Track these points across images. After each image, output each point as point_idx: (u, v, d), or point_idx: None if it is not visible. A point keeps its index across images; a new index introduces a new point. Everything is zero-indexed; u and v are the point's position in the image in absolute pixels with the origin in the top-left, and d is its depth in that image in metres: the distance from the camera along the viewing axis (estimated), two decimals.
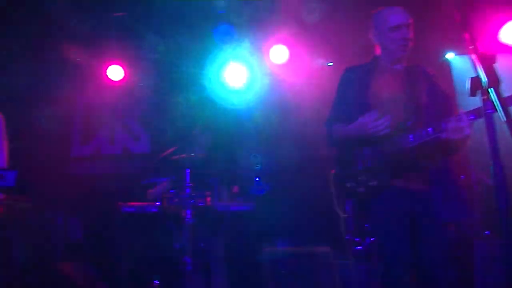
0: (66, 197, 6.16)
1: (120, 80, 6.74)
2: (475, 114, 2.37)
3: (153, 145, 7.03)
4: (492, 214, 5.38)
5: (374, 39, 2.83)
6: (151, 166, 5.18)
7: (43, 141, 6.42)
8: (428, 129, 2.46)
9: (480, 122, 2.16)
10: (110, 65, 6.66)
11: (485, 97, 1.60)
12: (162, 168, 4.92)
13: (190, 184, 4.41)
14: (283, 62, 6.25)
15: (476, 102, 1.87)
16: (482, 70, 1.61)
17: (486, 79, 1.59)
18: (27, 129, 6.40)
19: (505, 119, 1.50)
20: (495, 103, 1.56)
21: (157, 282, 4.59)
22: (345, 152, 2.77)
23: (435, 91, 2.75)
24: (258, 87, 6.34)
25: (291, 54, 6.22)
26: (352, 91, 2.79)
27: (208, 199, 4.50)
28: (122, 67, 6.69)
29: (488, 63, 1.62)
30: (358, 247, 5.25)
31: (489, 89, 1.58)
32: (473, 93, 1.71)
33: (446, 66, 6.36)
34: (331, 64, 6.34)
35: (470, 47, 1.67)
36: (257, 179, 5.31)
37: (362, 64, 2.90)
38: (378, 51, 2.84)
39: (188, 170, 4.45)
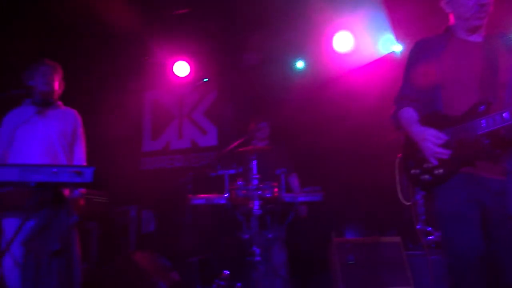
0: (139, 191, 6.41)
1: (186, 76, 6.91)
2: None
3: (220, 138, 7.15)
4: None
5: (446, 7, 2.51)
6: (219, 159, 5.25)
7: (115, 138, 6.70)
8: (504, 114, 2.12)
9: None
10: (176, 61, 6.83)
11: None
12: (229, 161, 4.99)
13: (257, 176, 4.44)
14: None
15: None
16: None
17: None
18: (100, 128, 6.71)
19: None
20: None
21: (227, 272, 4.65)
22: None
23: None
24: None
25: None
26: (421, 66, 2.50)
27: (275, 190, 4.51)
28: (188, 63, 6.85)
29: None
30: (430, 237, 5.06)
31: None
32: None
33: None
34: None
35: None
36: None
37: (434, 36, 2.58)
38: (452, 20, 2.52)
39: (255, 162, 4.47)
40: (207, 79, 6.75)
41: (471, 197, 2.25)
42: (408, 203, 4.84)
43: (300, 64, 6.75)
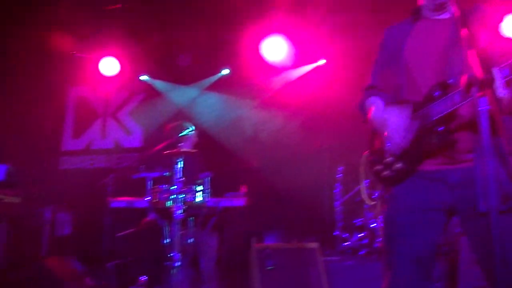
0: (56, 192, 6.11)
1: (115, 75, 6.71)
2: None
3: (145, 140, 7.00)
4: None
5: None
6: (143, 161, 5.14)
7: (33, 135, 6.36)
8: (455, 96, 1.93)
9: None
10: (104, 58, 6.62)
11: (480, 94, 1.58)
12: (153, 163, 4.89)
13: (181, 179, 4.39)
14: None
15: None
16: (479, 68, 1.59)
17: (482, 77, 1.57)
18: (16, 123, 6.34)
19: (500, 115, 1.49)
20: (491, 99, 1.55)
21: (144, 278, 4.56)
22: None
23: (493, 43, 2.09)
24: None
25: None
26: (388, 51, 2.33)
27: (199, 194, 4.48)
28: (118, 61, 6.66)
29: (485, 60, 1.61)
30: (346, 243, 5.25)
31: (485, 86, 1.56)
32: (467, 89, 1.69)
33: None
34: None
35: (468, 44, 1.66)
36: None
37: (402, 21, 2.39)
38: (419, 0, 2.31)
39: (180, 165, 4.42)
40: None
41: (426, 205, 2.08)
42: (372, 203, 4.97)
43: (225, 71, 6.79)
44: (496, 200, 1.56)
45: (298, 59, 6.41)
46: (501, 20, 2.15)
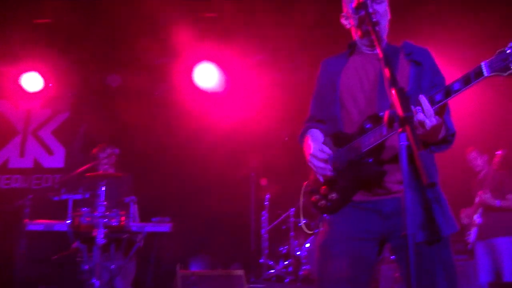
0: None
1: (38, 91, 6.42)
2: (446, 93, 1.86)
3: (67, 161, 6.70)
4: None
5: (345, 23, 2.38)
6: (64, 182, 4.91)
7: None
8: (383, 129, 1.99)
9: None
10: (26, 73, 6.32)
11: (401, 129, 1.68)
12: (76, 185, 4.70)
13: (104, 203, 4.24)
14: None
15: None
16: (399, 105, 1.69)
17: (402, 114, 1.67)
18: None
19: (417, 151, 1.58)
20: (409, 135, 1.64)
21: None
22: None
23: (419, 76, 2.19)
24: None
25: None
26: (324, 83, 2.40)
27: (123, 218, 4.35)
28: (42, 77, 6.38)
29: (405, 98, 1.71)
30: (271, 271, 5.30)
31: (404, 123, 1.66)
32: (389, 125, 1.79)
33: None
34: None
35: (390, 82, 1.76)
36: None
37: (338, 54, 2.46)
38: (353, 35, 2.38)
39: (103, 188, 4.28)
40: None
41: (360, 234, 2.12)
42: (311, 232, 4.99)
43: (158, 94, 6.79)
44: (412, 230, 1.62)
45: (230, 87, 6.50)
46: (429, 55, 2.29)
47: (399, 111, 1.69)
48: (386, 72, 1.81)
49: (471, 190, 5.28)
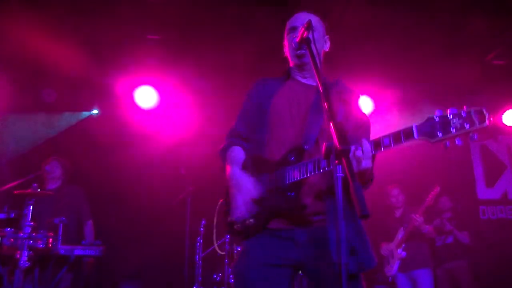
0: None
1: None
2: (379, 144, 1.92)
3: None
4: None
5: (285, 50, 2.46)
6: None
7: None
8: (309, 165, 2.06)
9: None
10: None
11: (337, 161, 1.74)
12: (0, 203, 4.42)
13: (31, 223, 4.02)
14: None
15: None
16: (337, 138, 1.76)
17: (339, 147, 1.74)
18: None
19: (353, 183, 1.64)
20: (344, 167, 1.70)
21: None
22: None
23: (346, 116, 2.26)
24: None
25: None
26: (255, 104, 2.41)
27: (50, 240, 4.14)
28: None
29: (342, 133, 1.78)
30: None
31: (341, 155, 1.72)
32: (326, 156, 1.84)
33: None
34: None
35: (328, 117, 1.82)
36: None
37: (274, 77, 2.51)
38: (290, 63, 2.46)
39: (31, 207, 4.07)
40: None
41: (275, 261, 2.15)
42: (222, 253, 4.92)
43: (94, 111, 6.72)
44: (346, 258, 1.65)
45: (167, 108, 6.49)
46: (357, 97, 2.41)
47: (337, 143, 1.76)
48: (325, 106, 1.88)
49: (388, 226, 5.53)
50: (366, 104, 6.34)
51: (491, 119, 1.90)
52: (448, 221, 5.64)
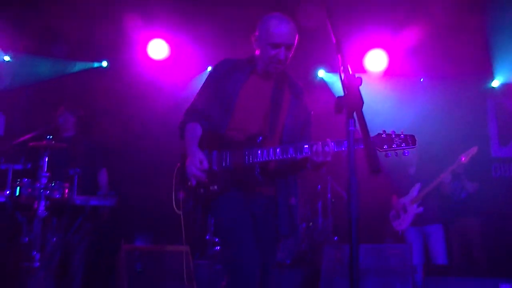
0: None
1: None
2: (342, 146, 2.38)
3: (7, 128, 6.39)
4: (341, 222, 5.89)
5: (254, 44, 2.66)
6: (4, 151, 4.69)
7: None
8: (277, 149, 2.45)
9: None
10: None
11: (349, 115, 1.73)
12: (17, 154, 4.50)
13: (47, 174, 4.11)
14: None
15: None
16: (349, 91, 1.74)
17: (351, 100, 1.72)
18: None
19: (364, 138, 1.65)
20: (356, 121, 1.70)
21: None
22: None
23: (298, 109, 2.71)
24: None
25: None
26: (218, 86, 2.66)
27: (66, 191, 4.23)
28: None
29: (354, 84, 1.76)
30: (216, 248, 5.33)
31: (352, 109, 1.71)
32: (338, 111, 1.84)
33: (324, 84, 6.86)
34: None
35: (341, 68, 1.80)
36: None
37: (240, 59, 2.75)
38: (256, 52, 2.67)
39: (46, 158, 4.14)
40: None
41: (246, 207, 2.54)
42: (179, 212, 5.02)
43: (104, 63, 6.72)
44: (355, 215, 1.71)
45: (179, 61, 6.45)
46: (303, 92, 2.78)
47: (351, 96, 1.75)
48: (339, 57, 1.87)
49: (399, 182, 5.49)
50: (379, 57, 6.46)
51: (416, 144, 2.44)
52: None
